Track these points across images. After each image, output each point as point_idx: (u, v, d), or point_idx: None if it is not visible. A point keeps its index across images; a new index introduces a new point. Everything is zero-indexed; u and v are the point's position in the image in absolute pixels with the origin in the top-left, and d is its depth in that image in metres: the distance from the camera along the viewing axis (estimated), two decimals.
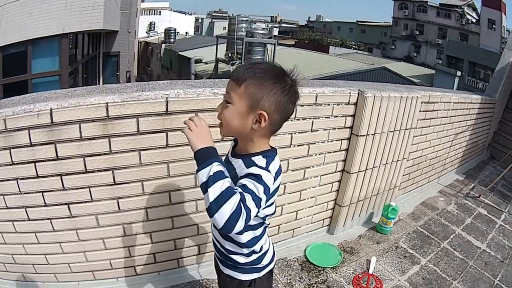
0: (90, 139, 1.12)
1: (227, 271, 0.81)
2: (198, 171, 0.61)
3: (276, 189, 0.73)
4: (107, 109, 1.11)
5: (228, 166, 0.73)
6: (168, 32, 16.93)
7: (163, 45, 16.37)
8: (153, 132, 1.14)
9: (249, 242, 0.75)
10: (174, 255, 1.33)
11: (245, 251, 0.77)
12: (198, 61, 12.51)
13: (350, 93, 1.43)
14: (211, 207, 0.57)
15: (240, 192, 0.60)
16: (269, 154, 0.70)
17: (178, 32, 18.19)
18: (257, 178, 0.63)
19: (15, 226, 1.26)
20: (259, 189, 0.62)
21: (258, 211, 0.63)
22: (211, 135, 0.66)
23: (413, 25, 21.86)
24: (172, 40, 16.59)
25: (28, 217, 1.23)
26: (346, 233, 1.71)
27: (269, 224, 0.83)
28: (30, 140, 1.13)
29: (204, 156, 0.62)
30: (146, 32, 21.37)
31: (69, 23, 5.68)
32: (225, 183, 0.59)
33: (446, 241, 1.81)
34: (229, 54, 10.75)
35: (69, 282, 1.34)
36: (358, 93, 1.44)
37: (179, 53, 13.78)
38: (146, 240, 1.26)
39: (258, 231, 0.77)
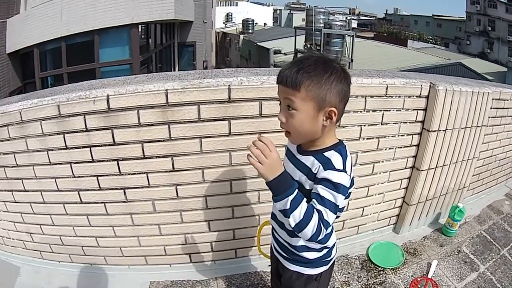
0: (148, 125, 1.71)
1: (293, 267, 1.22)
2: (275, 201, 1.01)
3: (352, 183, 1.17)
4: (166, 96, 1.66)
5: (298, 164, 1.11)
6: (246, 23, 23.74)
7: (242, 36, 23.12)
8: (215, 120, 1.70)
9: (323, 239, 1.10)
10: (232, 245, 2.01)
11: (318, 246, 1.19)
12: (277, 51, 17.51)
13: (421, 85, 1.90)
14: (294, 229, 1.00)
15: (318, 211, 0.99)
16: (341, 147, 1.07)
17: (256, 23, 25.64)
18: (335, 187, 1.00)
19: (66, 208, 1.95)
20: (337, 198, 1.00)
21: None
22: (280, 159, 1.00)
23: (485, 20, 29.26)
24: (250, 31, 23.36)
25: (81, 200, 1.90)
26: (411, 233, 2.34)
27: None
28: (85, 125, 1.74)
29: (278, 188, 0.99)
30: (224, 23, 30.79)
31: (138, 14, 8.08)
32: (303, 207, 0.97)
33: (506, 248, 2.40)
34: (308, 45, 14.77)
35: (119, 265, 2.09)
36: (430, 85, 1.92)
37: (258, 43, 19.45)
38: (203, 228, 1.92)
39: (332, 227, 1.23)
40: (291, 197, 0.98)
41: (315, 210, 1.00)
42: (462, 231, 2.47)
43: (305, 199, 1.01)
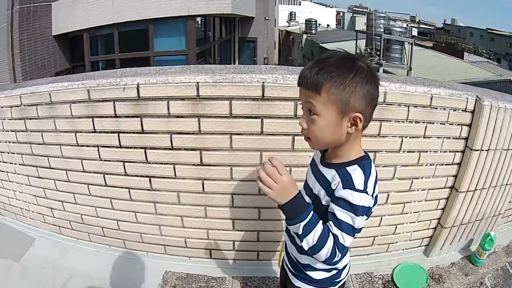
0: (178, 116, 1.93)
1: (299, 283, 1.30)
2: (287, 224, 1.07)
3: (375, 201, 1.12)
4: (197, 89, 1.87)
5: (319, 176, 1.17)
6: (309, 23, 27.00)
7: (304, 36, 26.30)
8: (247, 117, 1.90)
9: (335, 261, 1.12)
10: (255, 246, 2.26)
11: (327, 267, 1.24)
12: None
13: (467, 98, 1.97)
14: (307, 252, 1.06)
15: (334, 234, 1.04)
16: (365, 162, 1.09)
17: (319, 24, 29.31)
18: (354, 209, 1.03)
19: (90, 189, 2.25)
20: (355, 221, 1.03)
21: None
22: (293, 182, 1.04)
23: None
24: (313, 31, 26.55)
25: (106, 183, 2.19)
26: (441, 257, 2.49)
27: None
28: (115, 111, 1.99)
29: (290, 212, 1.04)
30: (287, 21, 34.37)
31: (194, 6, 9.34)
32: (317, 232, 1.02)
33: None
34: (368, 49, 16.14)
35: (137, 251, 2.40)
36: (476, 99, 1.98)
37: (321, 44, 21.84)
38: (227, 226, 2.18)
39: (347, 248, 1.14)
40: (304, 222, 1.03)
41: (330, 233, 1.05)
42: (489, 261, 2.58)
43: (320, 223, 1.06)
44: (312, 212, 1.06)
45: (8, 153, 2.57)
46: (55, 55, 11.02)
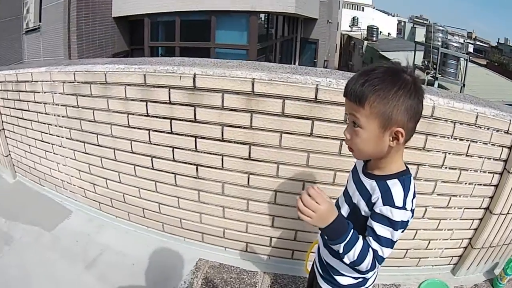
0: (231, 110, 2.22)
1: (325, 286, 1.48)
2: (328, 243, 1.25)
3: (412, 215, 1.23)
4: (252, 85, 2.14)
5: (360, 186, 1.30)
6: (371, 29, 29.47)
7: (365, 42, 28.92)
8: (298, 117, 2.16)
9: (366, 270, 1.27)
10: (291, 245, 2.54)
11: (356, 275, 1.39)
12: (396, 64, 20.09)
13: (510, 120, 2.13)
14: (349, 265, 1.24)
15: (374, 250, 1.19)
16: (405, 177, 1.21)
17: (380, 32, 31.86)
18: (393, 224, 1.16)
19: (136, 170, 2.59)
20: (394, 235, 1.18)
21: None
22: (331, 207, 1.17)
23: None
24: (374, 39, 29.00)
25: (152, 166, 2.52)
26: (466, 277, 2.69)
27: None
28: (169, 98, 2.29)
29: (331, 234, 1.19)
30: (349, 26, 38.35)
31: (259, 2, 10.35)
32: (357, 249, 1.17)
33: None
34: (426, 62, 18.06)
35: (175, 235, 2.74)
36: None
37: (381, 52, 23.81)
38: (267, 222, 2.47)
39: None
40: (344, 242, 1.18)
41: (370, 248, 1.20)
42: (509, 286, 2.79)
43: (360, 239, 1.21)
44: (352, 231, 1.20)
45: (56, 126, 2.95)
46: (113, 36, 12.26)
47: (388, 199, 1.19)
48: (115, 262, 2.70)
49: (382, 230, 1.19)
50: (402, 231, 1.22)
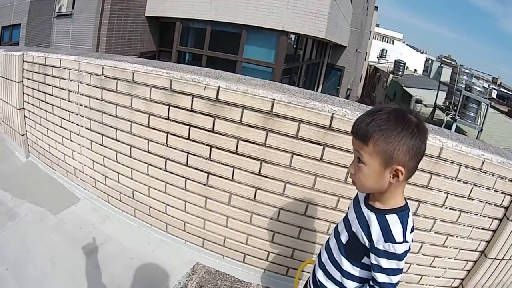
0: (248, 125, 2.39)
1: None
2: None
3: (411, 245, 1.38)
4: (272, 105, 2.31)
5: (359, 215, 1.43)
6: (398, 64, 30.92)
7: (391, 76, 30.37)
8: (311, 142, 2.33)
9: None
10: (287, 262, 2.69)
11: None
12: (418, 101, 23.44)
13: None
14: None
15: (384, 284, 1.36)
16: (404, 214, 1.34)
17: (407, 67, 33.65)
18: (398, 257, 1.31)
19: (149, 169, 2.77)
20: (400, 264, 1.34)
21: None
22: None
23: None
24: (400, 73, 30.54)
25: (165, 168, 2.70)
26: None
27: None
28: (191, 106, 2.47)
29: None
30: (377, 57, 41.20)
31: (289, 23, 10.86)
32: None
33: None
34: (447, 103, 19.55)
35: (176, 237, 2.91)
36: None
37: (404, 88, 25.81)
38: (267, 237, 2.63)
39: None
40: None
41: None
42: None
43: None
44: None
45: (77, 114, 3.14)
46: (143, 35, 12.75)
47: (388, 237, 1.32)
48: (115, 253, 2.87)
49: (388, 263, 1.34)
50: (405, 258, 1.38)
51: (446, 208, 2.38)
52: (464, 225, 2.46)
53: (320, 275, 1.62)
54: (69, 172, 3.49)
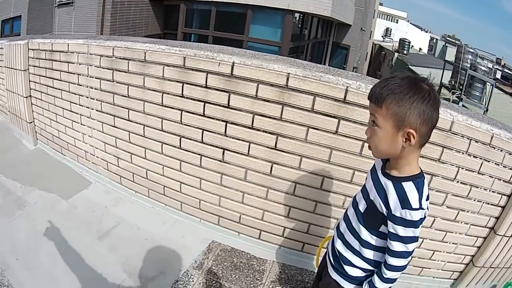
0: (264, 100, 2.45)
1: (335, 276, 1.65)
2: None
3: (427, 213, 1.42)
4: (287, 79, 2.37)
5: (377, 184, 1.47)
6: (403, 42, 30.77)
7: (396, 54, 30.22)
8: (326, 115, 2.39)
9: (374, 261, 1.54)
10: (303, 238, 2.76)
11: (366, 267, 1.57)
12: (423, 79, 22.05)
13: None
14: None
15: (400, 253, 1.42)
16: (419, 181, 1.38)
17: (412, 46, 33.61)
18: (414, 224, 1.37)
19: (163, 148, 2.83)
20: (416, 232, 1.39)
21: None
22: None
23: None
24: (405, 52, 30.31)
25: (180, 146, 2.76)
26: None
27: None
28: (206, 82, 2.53)
29: None
30: (382, 36, 40.64)
31: (295, 2, 11.16)
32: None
33: None
34: (452, 82, 19.53)
35: (191, 216, 2.98)
36: None
37: (410, 66, 24.89)
38: (283, 212, 2.69)
39: None
40: None
41: (404, 263, 1.47)
42: None
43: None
44: None
45: (87, 97, 3.20)
46: (148, 18, 13.08)
47: (405, 204, 1.37)
48: (129, 235, 2.93)
49: (405, 231, 1.39)
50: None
51: (458, 182, 2.45)
52: (474, 200, 2.53)
53: (339, 245, 1.67)
54: (79, 156, 3.55)
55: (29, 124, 3.99)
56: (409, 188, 1.38)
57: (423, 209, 1.38)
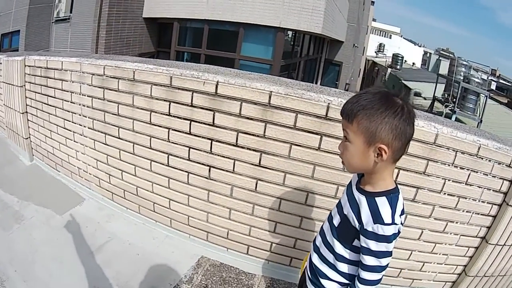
0: (248, 118, 2.52)
1: None
2: None
3: (402, 224, 1.44)
4: (269, 97, 2.44)
5: (351, 199, 1.50)
6: (396, 57, 32.30)
7: (389, 69, 31.62)
8: (309, 132, 2.45)
9: (349, 275, 1.55)
10: (290, 253, 2.81)
11: (342, 281, 1.59)
12: (417, 94, 24.78)
13: None
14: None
15: (372, 267, 1.42)
16: (393, 196, 1.39)
17: (405, 61, 35.63)
18: (385, 238, 1.36)
19: (152, 166, 2.91)
20: (389, 247, 1.39)
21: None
22: None
23: None
24: (398, 67, 31.81)
25: (168, 163, 2.84)
26: None
27: None
28: (191, 101, 2.61)
29: None
30: (375, 52, 43.47)
31: (286, 19, 11.42)
32: None
33: None
34: (446, 95, 20.32)
35: (180, 231, 3.05)
36: None
37: (403, 81, 26.90)
38: (269, 227, 2.75)
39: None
40: None
41: (379, 277, 1.46)
42: None
43: None
44: None
45: (79, 115, 3.29)
46: (141, 36, 13.41)
47: (377, 218, 1.38)
48: (121, 250, 3.00)
49: (377, 246, 1.40)
50: (395, 241, 1.43)
51: (445, 194, 2.49)
52: (463, 211, 2.56)
53: (315, 258, 1.70)
54: (73, 173, 3.64)
55: (25, 140, 4.09)
56: (382, 203, 1.40)
57: (396, 224, 1.39)
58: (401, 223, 1.43)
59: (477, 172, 2.44)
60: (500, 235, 2.62)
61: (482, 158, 2.41)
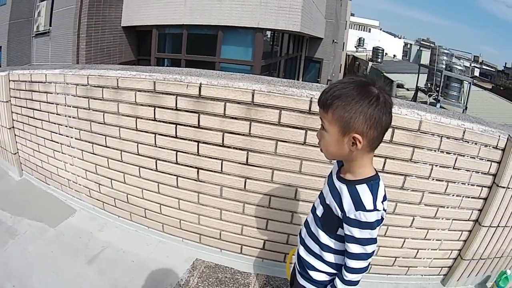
0: (232, 118, 2.57)
1: (302, 282, 1.72)
2: None
3: (385, 209, 1.48)
4: (253, 96, 2.50)
5: (332, 188, 1.54)
6: (376, 51, 33.42)
7: (370, 63, 32.66)
8: (293, 127, 2.51)
9: (336, 264, 1.59)
10: (283, 249, 2.87)
11: (330, 271, 1.63)
12: (400, 85, 24.94)
13: (499, 136, 2.44)
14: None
15: (357, 255, 1.46)
16: (374, 183, 1.43)
17: (386, 53, 36.40)
18: (369, 225, 1.40)
19: (140, 172, 2.96)
20: (373, 233, 1.42)
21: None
22: None
23: None
24: (379, 60, 32.92)
25: (156, 168, 2.89)
26: None
27: None
28: (176, 105, 2.66)
29: None
30: (355, 46, 45.13)
31: (264, 19, 11.63)
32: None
33: None
34: (429, 84, 20.78)
35: (173, 236, 3.09)
36: (508, 138, 2.45)
37: (385, 74, 27.38)
38: (261, 225, 2.81)
39: None
40: None
41: (365, 264, 1.50)
42: None
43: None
44: None
45: (66, 126, 3.33)
46: (121, 45, 13.60)
47: (359, 206, 1.41)
48: (116, 258, 3.04)
49: (361, 233, 1.43)
50: (379, 227, 1.47)
51: (433, 179, 2.56)
52: (453, 195, 2.63)
53: (301, 250, 1.74)
54: (63, 185, 3.67)
55: (13, 155, 4.12)
56: (363, 190, 1.43)
57: (378, 210, 1.41)
58: (384, 210, 1.46)
59: (464, 155, 2.51)
60: (493, 217, 2.68)
61: (468, 142, 2.48)
